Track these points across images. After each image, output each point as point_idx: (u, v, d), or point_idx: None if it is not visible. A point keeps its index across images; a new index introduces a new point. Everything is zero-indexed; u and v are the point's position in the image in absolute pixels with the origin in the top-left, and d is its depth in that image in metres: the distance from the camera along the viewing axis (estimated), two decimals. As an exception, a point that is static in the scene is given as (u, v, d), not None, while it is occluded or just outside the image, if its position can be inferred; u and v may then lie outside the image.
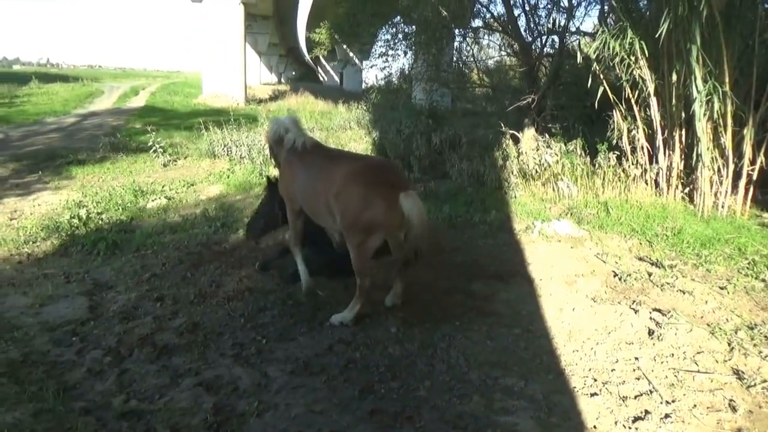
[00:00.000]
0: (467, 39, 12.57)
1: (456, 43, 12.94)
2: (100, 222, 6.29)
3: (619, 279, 4.53)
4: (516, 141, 8.45)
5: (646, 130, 6.94)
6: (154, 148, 10.02)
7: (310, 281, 4.25)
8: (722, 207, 6.22)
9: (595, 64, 7.02)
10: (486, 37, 12.90)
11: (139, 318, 3.89)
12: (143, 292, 4.35)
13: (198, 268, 4.84)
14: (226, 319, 3.84)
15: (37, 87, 29.59)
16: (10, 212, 6.92)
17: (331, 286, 4.36)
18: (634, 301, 4.07)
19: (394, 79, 16.12)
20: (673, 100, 6.48)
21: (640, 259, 5.01)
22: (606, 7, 8.30)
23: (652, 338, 3.51)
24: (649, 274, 4.59)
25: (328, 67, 74.06)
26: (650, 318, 3.74)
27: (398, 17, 14.06)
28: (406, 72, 15.50)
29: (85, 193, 7.70)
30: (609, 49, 6.49)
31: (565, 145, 7.53)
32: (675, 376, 3.12)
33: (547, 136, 7.97)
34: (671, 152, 6.67)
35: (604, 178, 6.85)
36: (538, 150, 7.57)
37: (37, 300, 4.17)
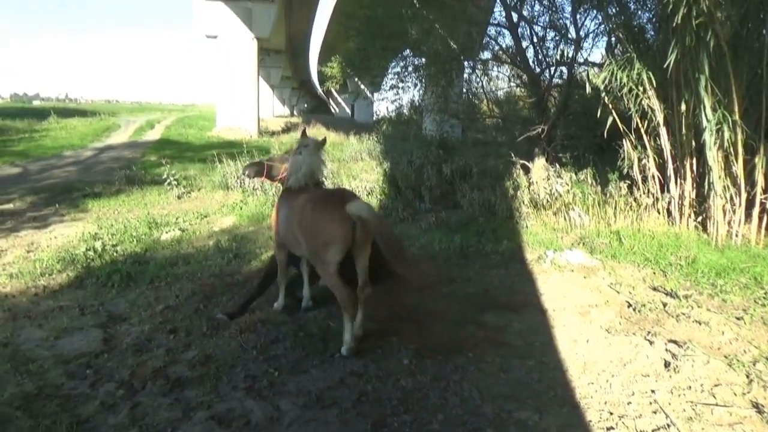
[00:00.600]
0: (476, 71, 12.76)
1: (465, 75, 13.12)
2: (114, 254, 6.36)
3: (634, 309, 4.48)
4: (526, 171, 8.49)
5: (656, 159, 6.94)
6: (168, 180, 10.18)
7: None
8: (736, 236, 6.16)
9: (603, 94, 7.07)
10: (495, 68, 13.09)
11: (153, 350, 3.90)
12: (156, 324, 4.37)
13: (211, 299, 4.87)
14: (238, 351, 3.84)
15: (55, 122, 30.32)
16: (27, 245, 7.03)
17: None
18: (649, 332, 4.01)
19: (404, 111, 16.31)
20: (683, 130, 6.49)
21: (655, 289, 4.96)
22: (613, 39, 8.41)
23: (668, 370, 3.46)
24: (664, 305, 4.54)
25: (340, 99, 75.18)
26: (666, 349, 3.69)
27: (408, 50, 14.32)
28: (417, 103, 15.68)
29: (101, 225, 7.81)
30: (617, 79, 6.55)
31: (576, 174, 7.55)
32: (693, 409, 3.06)
33: (557, 165, 8.00)
34: (683, 181, 6.65)
35: (615, 207, 6.83)
36: (548, 179, 7.59)
37: (52, 333, 4.20)
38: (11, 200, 9.89)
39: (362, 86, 30.31)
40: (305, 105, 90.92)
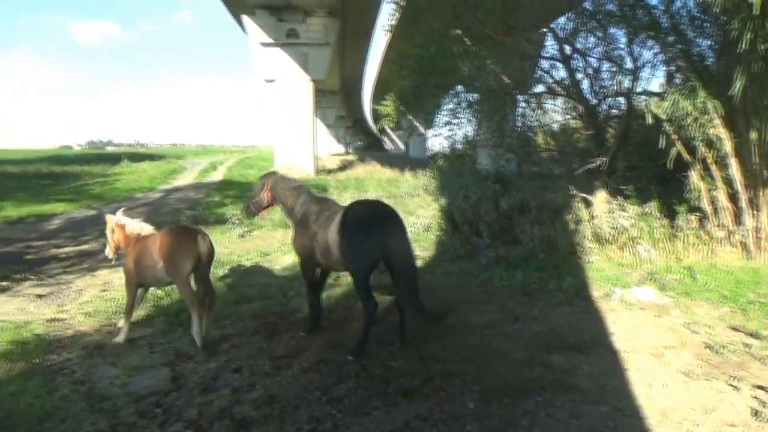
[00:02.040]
0: (530, 104, 12.67)
1: (519, 109, 13.05)
2: (182, 293, 6.58)
3: (713, 351, 4.22)
4: (587, 204, 8.28)
5: (727, 189, 6.64)
6: (230, 220, 10.52)
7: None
8: (822, 269, 5.76)
9: (666, 124, 6.87)
10: (549, 101, 12.96)
11: (218, 389, 3.96)
12: (221, 362, 4.45)
13: (273, 338, 4.94)
14: (301, 391, 3.85)
15: (127, 166, 32.14)
16: (101, 284, 7.38)
17: (405, 356, 4.32)
18: (732, 377, 3.77)
19: (458, 146, 16.34)
20: (755, 158, 6.20)
21: (735, 329, 4.67)
22: (672, 68, 8.21)
23: (757, 419, 3.22)
24: (747, 346, 4.26)
25: (393, 136, 76.23)
26: (753, 396, 3.45)
27: (460, 87, 14.41)
28: (471, 138, 15.68)
29: (168, 265, 8.11)
30: (680, 109, 6.37)
31: (641, 207, 7.30)
32: (787, 463, 2.83)
33: (620, 198, 7.76)
34: (758, 212, 6.31)
35: (685, 241, 6.54)
36: (611, 213, 7.36)
37: (125, 370, 4.34)
38: (88, 241, 10.46)
39: (416, 123, 30.66)
40: (359, 143, 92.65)
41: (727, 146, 6.37)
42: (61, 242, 10.51)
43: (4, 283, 7.42)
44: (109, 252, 5.53)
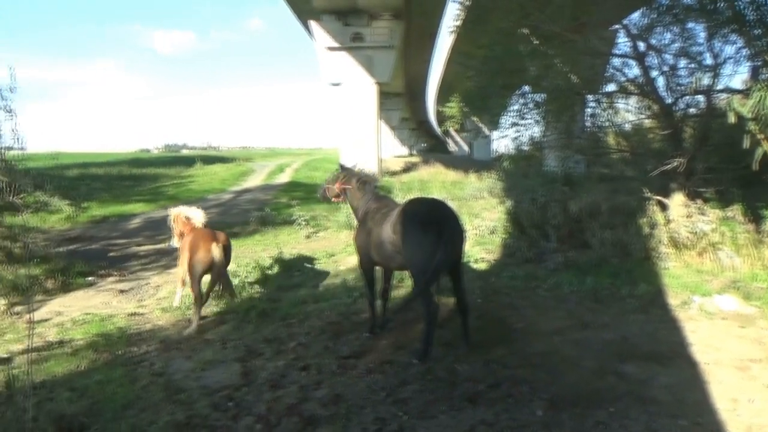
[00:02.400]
0: (601, 104, 12.23)
1: (589, 109, 12.63)
2: (251, 291, 6.82)
3: (805, 366, 3.94)
4: (663, 207, 7.91)
5: (821, 192, 6.17)
6: (297, 221, 10.78)
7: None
8: None
9: (750, 123, 6.45)
10: (621, 100, 12.47)
11: (286, 386, 4.06)
12: (289, 360, 4.57)
13: (339, 337, 5.02)
14: (367, 392, 3.89)
15: (200, 168, 33.59)
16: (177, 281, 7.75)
17: (471, 361, 4.28)
18: (827, 393, 3.49)
19: (525, 147, 16.02)
20: None
21: (830, 342, 4.34)
22: (759, 63, 7.70)
23: None
24: (844, 361, 3.95)
25: (458, 138, 75.68)
26: None
27: (527, 87, 14.11)
28: (538, 140, 15.33)
29: (238, 263, 8.41)
30: (766, 106, 5.96)
31: (722, 210, 6.90)
32: None
33: (699, 201, 7.36)
34: None
35: (773, 247, 6.14)
36: (690, 217, 7.00)
37: (199, 364, 4.55)
38: (164, 240, 11.00)
39: (480, 125, 30.32)
40: (423, 145, 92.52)
41: (820, 146, 5.92)
42: (140, 240, 11.14)
43: (90, 279, 7.95)
44: (174, 240, 6.42)
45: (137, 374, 4.35)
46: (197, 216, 6.18)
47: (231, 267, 8.06)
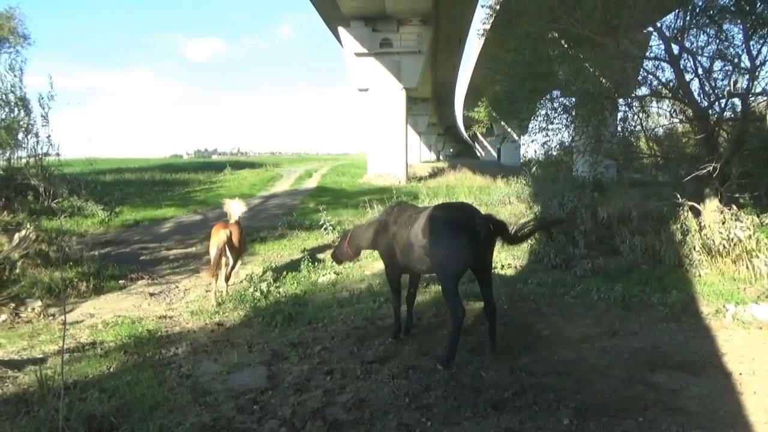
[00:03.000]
0: (633, 108, 12.00)
1: (620, 113, 12.41)
2: (278, 295, 6.89)
3: None
4: (696, 213, 7.71)
5: None
6: (324, 226, 10.85)
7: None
8: None
9: (789, 127, 6.26)
10: (654, 104, 12.22)
11: (311, 390, 4.08)
12: (314, 364, 4.59)
13: (364, 342, 5.02)
14: (390, 397, 3.87)
15: (230, 173, 34.16)
16: (206, 284, 7.88)
17: (496, 367, 4.23)
18: None
19: (553, 152, 15.82)
20: None
21: None
22: (798, 64, 7.48)
23: None
24: None
25: (485, 143, 75.27)
26: None
27: (556, 91, 13.94)
28: (567, 144, 15.13)
29: (266, 267, 8.50)
30: (807, 110, 5.77)
31: (758, 216, 6.69)
32: None
33: (734, 207, 7.15)
34: None
35: (813, 255, 5.92)
36: (724, 223, 6.80)
37: (225, 367, 4.60)
38: (194, 244, 11.21)
39: (508, 129, 30.07)
40: (451, 150, 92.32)
41: None
42: (170, 244, 11.36)
43: (121, 282, 8.13)
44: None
45: (165, 376, 4.42)
46: (233, 211, 7.69)
47: (259, 271, 8.22)
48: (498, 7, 15.34)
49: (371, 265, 8.35)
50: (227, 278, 7.09)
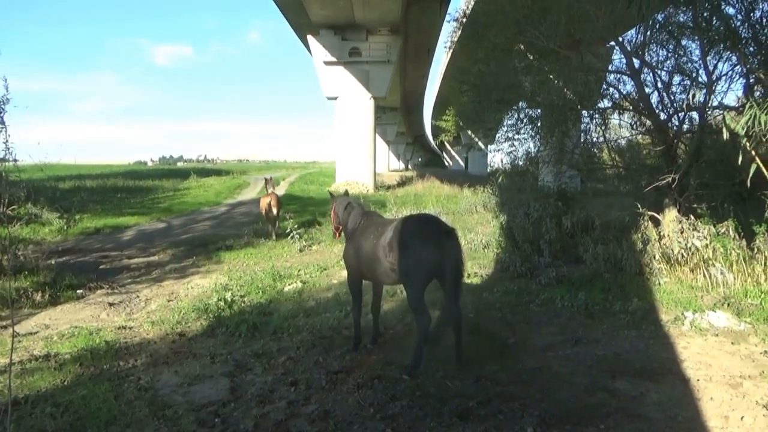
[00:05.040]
0: (595, 120, 12.28)
1: (583, 125, 12.67)
2: (242, 304, 6.77)
3: (797, 383, 3.90)
4: (656, 223, 7.90)
5: (813, 209, 6.17)
6: (291, 234, 10.74)
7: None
8: None
9: (743, 139, 6.46)
10: (616, 116, 12.52)
11: (275, 402, 4.00)
12: (279, 375, 4.51)
13: (330, 352, 4.96)
14: (356, 407, 3.83)
15: (195, 181, 33.71)
16: (168, 294, 7.70)
17: (461, 376, 4.23)
18: (819, 411, 3.45)
19: (519, 162, 16.06)
20: None
21: (822, 359, 4.31)
22: (752, 80, 7.76)
23: None
24: (835, 378, 3.91)
25: (453, 152, 76.04)
26: (844, 433, 3.15)
27: (522, 102, 14.16)
28: (533, 154, 15.38)
29: (231, 277, 8.37)
30: (760, 123, 5.98)
31: (715, 227, 6.89)
32: None
33: (692, 217, 7.36)
34: None
35: (765, 264, 6.11)
36: (683, 233, 6.98)
37: (186, 379, 4.49)
38: (157, 253, 10.96)
39: (476, 139, 30.45)
40: (419, 159, 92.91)
41: (814, 163, 5.94)
42: (132, 253, 11.08)
43: (79, 291, 7.88)
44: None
45: (123, 389, 4.28)
46: (272, 191, 12.65)
47: (223, 280, 8.08)
48: (465, 20, 15.56)
49: (338, 273, 8.29)
50: (273, 226, 12.21)
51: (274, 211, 12.05)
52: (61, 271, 8.59)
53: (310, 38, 27.66)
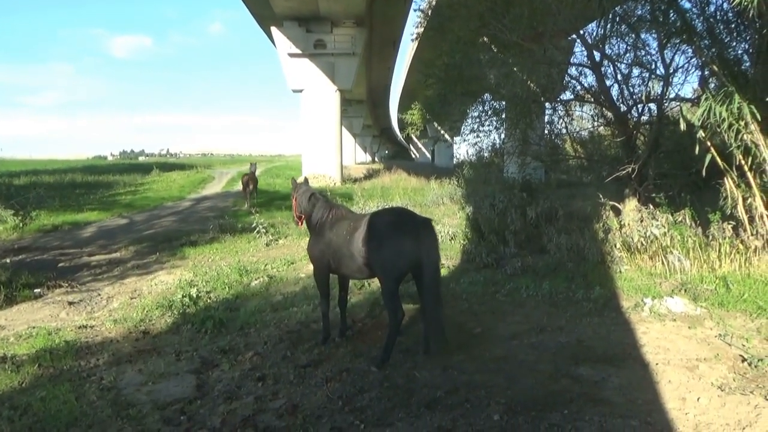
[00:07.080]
0: (558, 112, 12.51)
1: (547, 116, 12.90)
2: (208, 300, 6.67)
3: (749, 364, 4.06)
4: (617, 212, 8.10)
5: (764, 197, 6.41)
6: (257, 229, 10.62)
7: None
8: None
9: (699, 130, 6.67)
10: (578, 108, 12.78)
11: (242, 398, 3.97)
12: (246, 370, 4.47)
13: (297, 346, 4.93)
14: (324, 401, 3.82)
15: (158, 175, 32.95)
16: (131, 291, 7.52)
17: (429, 367, 4.26)
18: (769, 391, 3.60)
19: (485, 154, 16.27)
20: (794, 165, 5.98)
21: (772, 341, 4.49)
22: (707, 72, 8.00)
23: (796, 436, 3.07)
24: (785, 359, 4.08)
25: (420, 145, 76.32)
26: (792, 411, 3.29)
27: (487, 94, 14.32)
28: (498, 146, 15.58)
29: (196, 272, 8.23)
30: (714, 115, 6.18)
31: (672, 215, 7.10)
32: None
33: (651, 206, 7.56)
34: (797, 221, 6.08)
35: (719, 251, 6.34)
36: (642, 221, 7.17)
37: (151, 377, 4.40)
38: (119, 249, 10.69)
39: (442, 131, 30.64)
40: (386, 152, 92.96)
41: (764, 152, 6.16)
42: (93, 250, 10.78)
43: (37, 291, 7.62)
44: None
45: (85, 390, 4.17)
46: (252, 171, 17.07)
47: (188, 276, 7.94)
48: (430, 12, 15.60)
49: (306, 267, 8.24)
50: (248, 198, 16.20)
51: (250, 186, 16.41)
52: (17, 270, 8.30)
53: (274, 30, 27.29)
